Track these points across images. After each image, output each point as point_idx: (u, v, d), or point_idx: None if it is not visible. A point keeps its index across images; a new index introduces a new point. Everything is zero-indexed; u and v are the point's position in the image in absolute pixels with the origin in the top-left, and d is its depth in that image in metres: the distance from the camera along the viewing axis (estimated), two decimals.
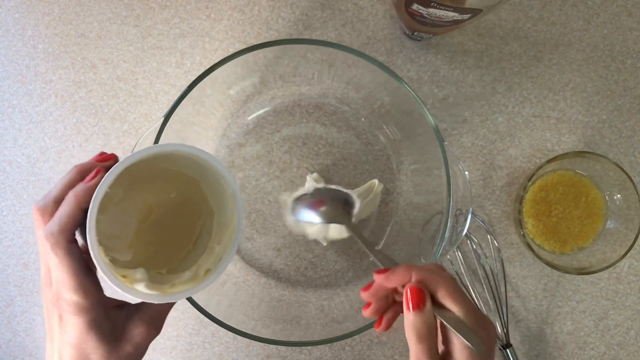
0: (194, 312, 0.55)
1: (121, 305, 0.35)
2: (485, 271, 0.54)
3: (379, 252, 0.39)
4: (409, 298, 0.33)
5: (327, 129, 0.54)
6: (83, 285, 0.31)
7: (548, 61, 0.55)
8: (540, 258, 0.51)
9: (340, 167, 0.55)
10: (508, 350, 0.53)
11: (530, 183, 0.52)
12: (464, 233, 0.45)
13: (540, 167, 0.51)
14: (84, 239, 0.32)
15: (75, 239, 0.33)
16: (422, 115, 0.44)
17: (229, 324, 0.43)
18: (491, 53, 0.55)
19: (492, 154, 0.55)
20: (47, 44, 0.55)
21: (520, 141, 0.55)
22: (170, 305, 0.36)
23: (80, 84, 0.55)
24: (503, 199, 0.55)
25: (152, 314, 0.35)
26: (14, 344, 0.56)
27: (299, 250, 0.55)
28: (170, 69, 0.55)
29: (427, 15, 0.43)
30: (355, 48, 0.52)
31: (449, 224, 0.43)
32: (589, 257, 0.53)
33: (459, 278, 0.54)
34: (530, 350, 0.56)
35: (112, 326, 0.33)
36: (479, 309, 0.34)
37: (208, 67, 0.43)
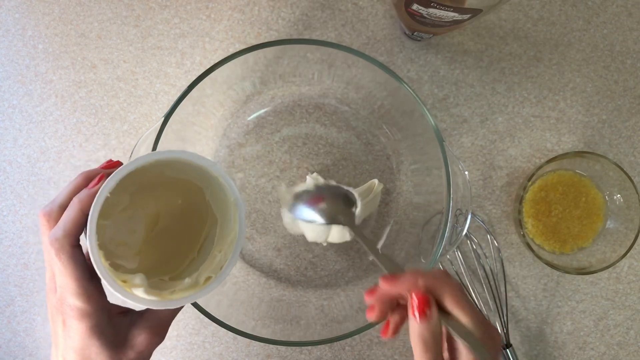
0: (194, 312, 0.55)
1: (125, 312, 0.35)
2: (485, 271, 0.54)
3: (383, 256, 0.38)
4: (415, 305, 0.32)
5: (327, 129, 0.54)
6: (86, 290, 0.32)
7: (548, 61, 0.55)
8: (540, 258, 0.51)
9: (340, 167, 0.55)
10: (508, 350, 0.53)
11: (530, 183, 0.52)
12: (464, 233, 0.45)
13: (540, 167, 0.51)
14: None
15: (80, 245, 0.33)
16: (422, 115, 0.44)
17: (229, 323, 0.43)
18: (491, 53, 0.55)
19: (492, 154, 0.55)
20: (47, 44, 0.55)
21: (520, 141, 0.55)
22: (174, 313, 0.36)
23: (81, 84, 0.55)
24: (503, 199, 0.55)
25: (156, 322, 0.35)
26: (14, 344, 0.56)
27: (299, 250, 0.55)
28: (171, 69, 0.55)
29: (427, 16, 0.43)
30: (355, 48, 0.53)
31: (449, 224, 0.43)
32: (588, 257, 0.53)
33: (459, 278, 0.54)
34: (530, 350, 0.56)
35: (115, 332, 0.33)
36: (485, 317, 0.34)
37: (208, 67, 0.43)
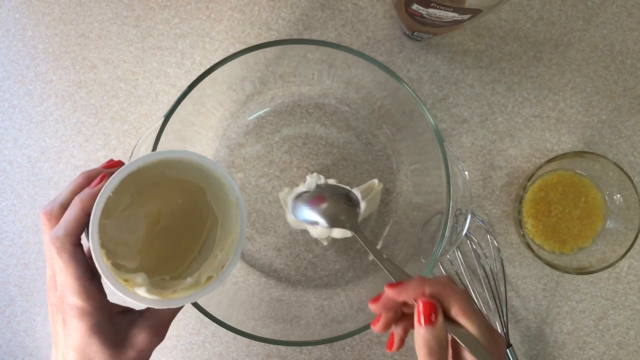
0: (194, 311, 0.55)
1: (125, 311, 0.35)
2: (485, 271, 0.54)
3: (388, 262, 0.38)
4: (421, 312, 0.32)
5: (327, 129, 0.54)
6: (87, 289, 0.32)
7: (548, 61, 0.55)
8: (540, 258, 0.51)
9: (340, 167, 0.55)
10: (508, 350, 0.53)
11: (529, 183, 0.52)
12: (464, 233, 0.45)
13: (539, 167, 0.51)
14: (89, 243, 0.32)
15: (81, 244, 0.33)
16: (422, 115, 0.44)
17: (229, 323, 0.44)
18: (491, 53, 0.55)
19: (492, 154, 0.55)
20: (47, 44, 0.55)
21: (519, 141, 0.55)
22: (174, 312, 0.36)
23: (81, 84, 0.55)
24: (503, 199, 0.55)
25: (156, 321, 0.35)
26: (14, 344, 0.56)
27: (299, 250, 0.55)
28: (171, 69, 0.55)
29: (427, 16, 0.43)
30: (355, 48, 0.53)
31: (448, 224, 0.44)
32: (588, 257, 0.53)
33: (459, 278, 0.54)
34: (530, 350, 0.56)
35: (115, 332, 0.33)
36: (490, 324, 0.33)
37: (208, 67, 0.43)
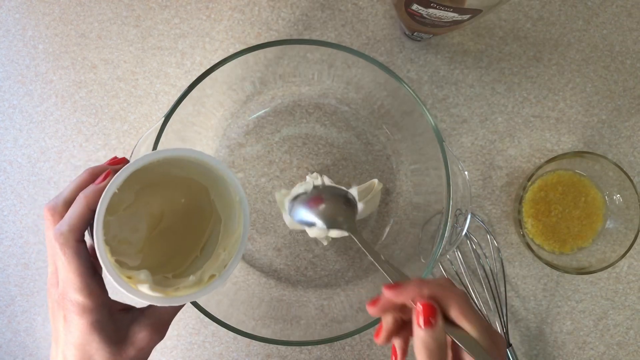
0: (195, 311, 0.55)
1: (126, 309, 0.35)
2: (485, 271, 0.54)
3: (386, 264, 0.38)
4: (420, 313, 0.32)
5: (327, 129, 0.55)
6: (88, 286, 0.32)
7: (547, 61, 0.55)
8: (539, 258, 0.51)
9: (340, 167, 0.55)
10: (508, 350, 0.53)
11: (529, 183, 0.52)
12: (464, 233, 0.45)
13: (539, 167, 0.51)
14: (93, 240, 0.33)
15: (84, 240, 0.33)
16: (422, 115, 0.44)
17: (229, 323, 0.44)
18: (491, 53, 0.55)
19: (492, 154, 0.55)
20: (47, 44, 0.55)
21: (519, 141, 0.55)
22: (175, 311, 0.36)
23: (81, 84, 0.55)
24: (503, 199, 0.55)
25: (157, 319, 0.35)
26: (14, 344, 0.56)
27: (299, 250, 0.55)
28: (171, 69, 0.55)
29: (426, 16, 0.43)
30: (355, 48, 0.53)
31: (448, 224, 0.44)
32: (588, 257, 0.53)
33: (459, 278, 0.54)
34: (529, 349, 0.56)
35: (116, 329, 0.33)
36: (490, 325, 0.33)
37: (208, 67, 0.43)
